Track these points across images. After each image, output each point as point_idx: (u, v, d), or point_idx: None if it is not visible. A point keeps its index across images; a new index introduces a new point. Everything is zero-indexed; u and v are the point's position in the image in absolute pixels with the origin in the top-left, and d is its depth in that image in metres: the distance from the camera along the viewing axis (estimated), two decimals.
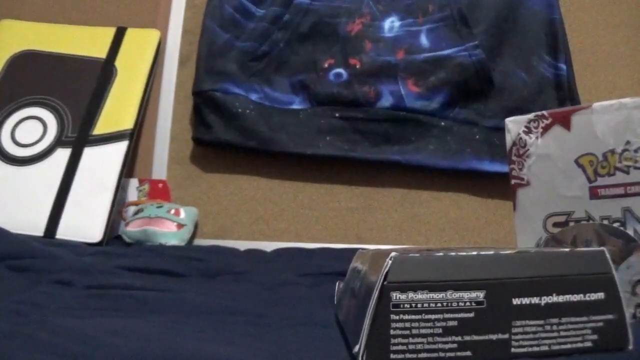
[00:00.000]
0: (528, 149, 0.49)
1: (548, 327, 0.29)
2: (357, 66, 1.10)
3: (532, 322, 0.29)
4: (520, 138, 0.50)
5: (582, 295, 0.30)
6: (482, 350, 0.29)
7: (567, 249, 0.31)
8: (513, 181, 0.50)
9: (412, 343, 0.28)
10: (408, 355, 0.28)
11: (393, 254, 0.29)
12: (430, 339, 0.29)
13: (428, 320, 0.29)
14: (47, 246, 0.67)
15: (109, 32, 1.07)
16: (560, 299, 0.30)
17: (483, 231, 1.12)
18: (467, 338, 0.29)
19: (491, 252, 0.30)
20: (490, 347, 0.29)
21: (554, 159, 0.47)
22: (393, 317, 0.29)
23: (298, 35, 1.11)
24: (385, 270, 0.29)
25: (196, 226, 1.04)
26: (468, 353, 0.29)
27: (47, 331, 0.32)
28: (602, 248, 0.31)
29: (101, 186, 0.91)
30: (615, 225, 0.42)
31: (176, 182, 1.12)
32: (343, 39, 1.11)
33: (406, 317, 0.29)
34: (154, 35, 1.08)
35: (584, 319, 0.30)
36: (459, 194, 1.13)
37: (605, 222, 0.43)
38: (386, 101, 1.09)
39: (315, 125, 1.09)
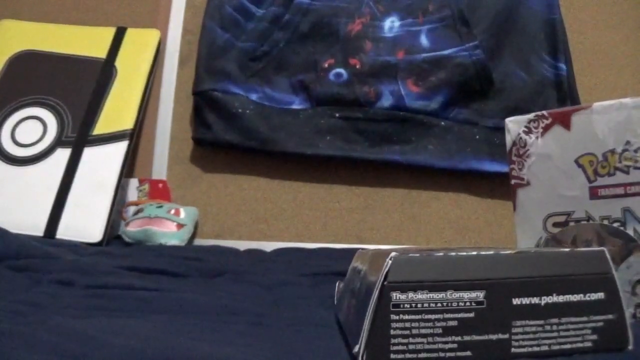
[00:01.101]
0: (528, 149, 0.49)
1: (548, 327, 0.29)
2: (357, 66, 1.10)
3: (532, 322, 0.29)
4: (520, 138, 0.50)
5: (582, 295, 0.30)
6: (482, 350, 0.29)
7: (567, 249, 0.31)
8: (513, 181, 0.50)
9: (412, 343, 0.28)
10: (408, 355, 0.28)
11: (393, 254, 0.29)
12: (430, 339, 0.29)
13: (428, 320, 0.29)
14: (47, 246, 0.67)
15: (109, 32, 1.07)
16: (560, 299, 0.30)
17: (483, 231, 1.12)
18: (467, 338, 0.29)
19: (491, 252, 0.30)
20: (490, 347, 0.29)
21: (554, 159, 0.47)
22: (393, 317, 0.29)
23: (298, 35, 1.11)
24: (385, 270, 0.29)
25: (196, 226, 1.04)
26: (468, 353, 0.29)
27: (47, 331, 0.32)
28: (602, 248, 0.31)
29: (101, 186, 0.91)
30: (615, 225, 0.42)
31: (176, 182, 1.12)
32: (343, 39, 1.11)
33: (406, 317, 0.29)
34: (154, 35, 1.08)
35: (584, 319, 0.30)
36: (459, 194, 1.13)
37: (605, 222, 0.43)
38: (386, 101, 1.09)
39: (315, 125, 1.09)
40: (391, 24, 1.12)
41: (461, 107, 1.11)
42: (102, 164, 0.93)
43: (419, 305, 0.29)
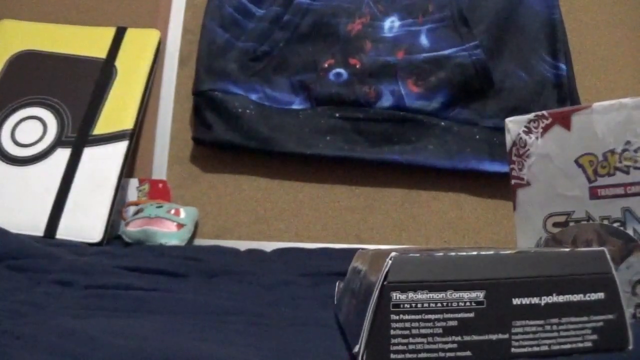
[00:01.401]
0: (528, 149, 0.49)
1: (548, 327, 0.29)
2: (357, 66, 1.10)
3: (532, 322, 0.29)
4: (520, 138, 0.50)
5: (582, 295, 0.30)
6: (482, 350, 0.29)
7: (567, 249, 0.31)
8: (513, 181, 0.50)
9: (412, 343, 0.28)
10: (408, 355, 0.28)
11: (393, 254, 0.29)
12: (430, 339, 0.29)
13: (428, 320, 0.29)
14: (47, 246, 0.67)
15: (109, 32, 1.07)
16: (560, 299, 0.30)
17: (483, 231, 1.12)
18: (467, 338, 0.29)
19: (491, 252, 0.30)
20: (490, 347, 0.29)
21: (554, 159, 0.47)
22: (393, 317, 0.28)
23: (298, 35, 1.11)
24: (385, 270, 0.29)
25: (196, 226, 1.04)
26: (468, 353, 0.29)
27: (47, 331, 0.32)
28: (602, 248, 0.31)
29: (101, 186, 0.91)
30: (615, 225, 0.42)
31: (176, 182, 1.12)
32: (343, 39, 1.11)
33: (406, 317, 0.29)
34: (154, 35, 1.08)
35: (584, 319, 0.30)
36: (459, 194, 1.13)
37: (605, 222, 0.43)
38: (386, 101, 1.09)
39: (315, 125, 1.09)
40: (391, 24, 1.12)
41: (461, 107, 1.11)
42: (102, 164, 0.93)
43: (419, 305, 0.29)
